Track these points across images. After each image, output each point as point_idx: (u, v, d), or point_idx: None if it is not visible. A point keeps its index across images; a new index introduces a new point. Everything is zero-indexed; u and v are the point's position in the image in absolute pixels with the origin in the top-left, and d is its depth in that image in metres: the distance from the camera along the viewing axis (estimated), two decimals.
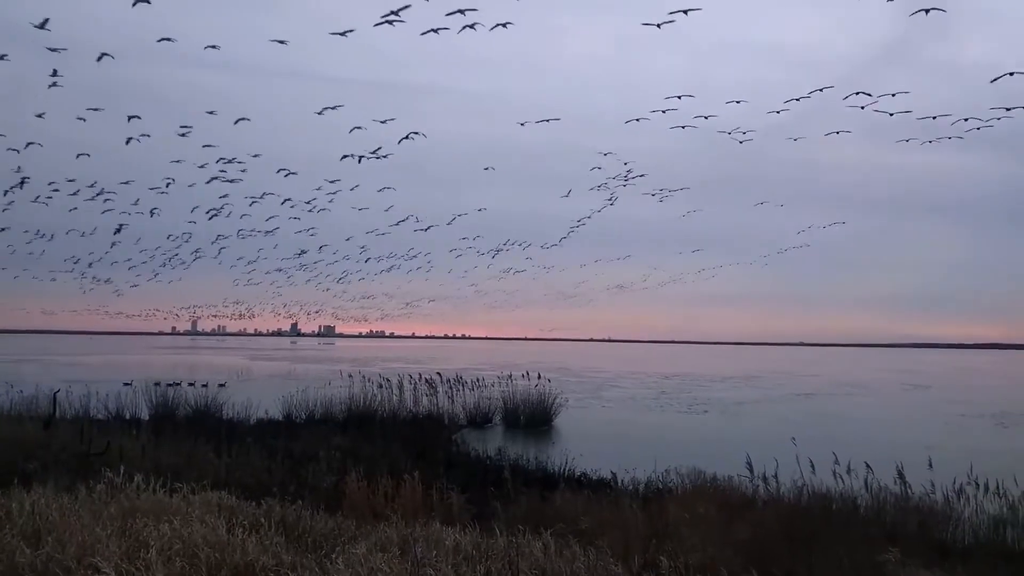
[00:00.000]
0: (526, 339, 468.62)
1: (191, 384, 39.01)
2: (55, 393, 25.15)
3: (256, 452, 18.14)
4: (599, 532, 10.41)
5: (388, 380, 35.65)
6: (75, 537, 8.36)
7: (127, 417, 27.76)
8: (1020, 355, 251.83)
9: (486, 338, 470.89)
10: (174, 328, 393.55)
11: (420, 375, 37.43)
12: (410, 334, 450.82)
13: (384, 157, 27.89)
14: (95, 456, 15.89)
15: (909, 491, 15.08)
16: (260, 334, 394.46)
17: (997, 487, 14.62)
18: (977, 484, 14.83)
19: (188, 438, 19.49)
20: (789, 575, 9.24)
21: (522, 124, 29.73)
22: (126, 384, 34.25)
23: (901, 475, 15.35)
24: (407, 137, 24.67)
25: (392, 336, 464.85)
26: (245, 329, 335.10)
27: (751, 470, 16.47)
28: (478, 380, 37.97)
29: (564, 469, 19.35)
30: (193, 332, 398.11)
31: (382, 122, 26.46)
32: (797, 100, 25.88)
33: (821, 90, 24.99)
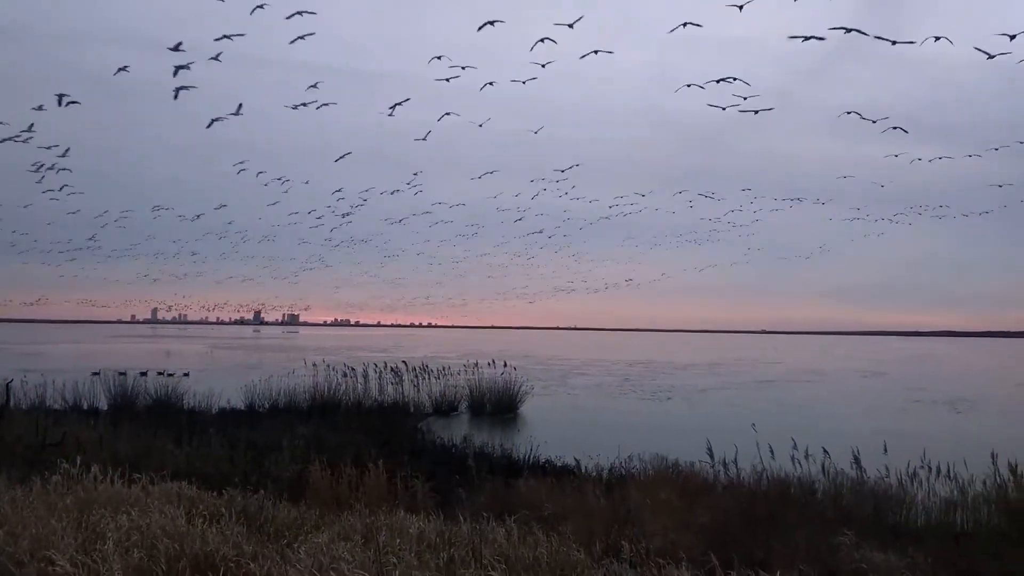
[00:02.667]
0: (493, 327, 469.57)
1: (159, 373, 38.32)
2: (8, 383, 24.49)
3: (218, 442, 17.91)
4: (562, 518, 10.50)
5: (353, 369, 35.38)
6: (28, 530, 8.18)
7: (85, 407, 27.20)
8: (976, 342, 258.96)
9: (452, 326, 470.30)
10: (133, 316, 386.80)
11: (385, 363, 37.18)
12: (375, 323, 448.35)
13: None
14: (50, 447, 15.55)
15: (865, 475, 15.43)
16: (222, 323, 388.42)
17: (948, 471, 15.01)
18: (930, 468, 15.21)
19: (148, 428, 19.19)
20: (748, 558, 9.40)
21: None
22: (94, 374, 33.41)
23: (857, 460, 15.70)
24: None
25: (357, 324, 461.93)
26: (207, 318, 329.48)
27: (712, 456, 16.73)
28: (444, 368, 37.86)
29: (529, 456, 19.45)
30: (153, 320, 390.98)
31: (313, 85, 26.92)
32: None
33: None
